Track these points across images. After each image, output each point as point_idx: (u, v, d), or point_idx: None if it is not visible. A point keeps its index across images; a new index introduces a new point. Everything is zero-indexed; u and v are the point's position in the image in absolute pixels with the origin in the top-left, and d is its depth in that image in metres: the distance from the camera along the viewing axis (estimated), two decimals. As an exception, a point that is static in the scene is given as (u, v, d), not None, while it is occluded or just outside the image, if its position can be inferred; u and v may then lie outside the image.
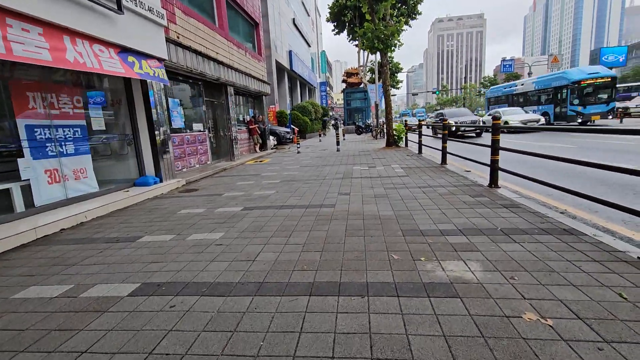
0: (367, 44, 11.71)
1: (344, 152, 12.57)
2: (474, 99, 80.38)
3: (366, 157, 10.50)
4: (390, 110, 12.86)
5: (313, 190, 5.70)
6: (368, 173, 7.24)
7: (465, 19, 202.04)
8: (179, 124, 8.35)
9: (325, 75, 66.36)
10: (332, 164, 9.35)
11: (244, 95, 13.54)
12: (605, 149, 9.10)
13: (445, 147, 7.80)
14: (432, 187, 5.38)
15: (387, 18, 12.00)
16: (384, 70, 12.37)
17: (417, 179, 6.19)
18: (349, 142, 18.92)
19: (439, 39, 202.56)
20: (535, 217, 3.59)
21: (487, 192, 4.84)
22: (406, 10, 19.92)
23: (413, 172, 6.92)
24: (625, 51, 56.16)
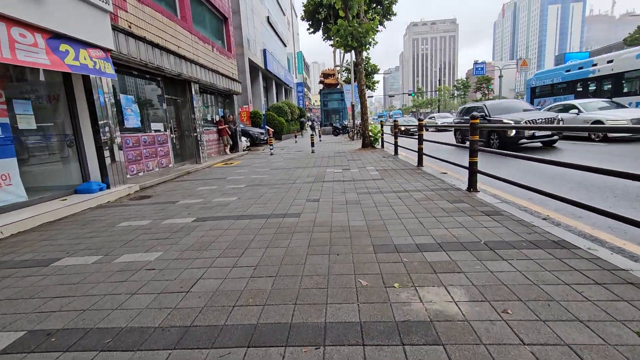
0: (341, 42, 11.29)
1: (318, 154, 12.08)
2: (448, 101, 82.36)
3: (341, 158, 10.05)
4: (366, 110, 12.51)
5: (279, 197, 5.15)
6: (341, 176, 6.77)
7: (439, 24, 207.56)
8: (134, 123, 7.56)
9: (303, 76, 65.93)
10: (304, 166, 8.82)
11: (212, 93, 12.78)
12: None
13: (421, 148, 7.46)
14: (409, 191, 4.96)
15: (361, 15, 11.64)
16: (358, 69, 11.99)
17: (393, 182, 5.77)
18: (326, 143, 18.48)
19: (414, 42, 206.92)
20: (520, 226, 3.21)
21: (467, 197, 4.46)
22: (381, 10, 19.74)
23: (388, 175, 6.51)
24: (587, 57, 59.44)
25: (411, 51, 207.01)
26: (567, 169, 4.23)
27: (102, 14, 5.68)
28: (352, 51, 12.13)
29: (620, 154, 7.90)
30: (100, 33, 5.64)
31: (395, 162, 8.52)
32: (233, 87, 13.39)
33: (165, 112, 9.01)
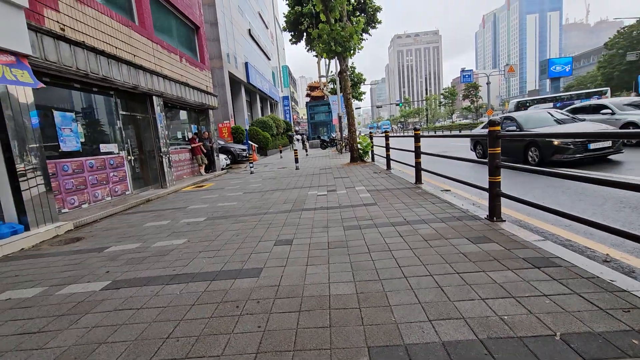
0: (324, 48, 10.28)
1: (303, 171, 10.90)
2: (436, 110, 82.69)
3: (327, 176, 8.86)
4: (353, 121, 11.44)
5: (241, 237, 3.90)
6: (325, 201, 5.56)
7: (422, 35, 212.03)
8: (74, 145, 6.27)
9: (289, 90, 65.47)
10: (284, 187, 7.60)
11: (183, 108, 11.56)
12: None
13: (419, 162, 6.33)
14: (411, 223, 3.77)
15: (344, 19, 10.71)
16: (343, 77, 10.97)
17: (389, 208, 4.58)
18: (312, 157, 17.35)
19: (399, 54, 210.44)
20: (600, 291, 2.03)
21: (491, 230, 3.29)
22: (365, 18, 19.04)
23: (383, 198, 5.32)
24: (570, 62, 60.23)
25: (396, 63, 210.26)
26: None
27: (12, 11, 4.47)
28: (336, 58, 11.12)
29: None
30: (11, 34, 4.42)
31: (389, 178, 7.36)
32: (207, 101, 12.21)
33: (121, 130, 7.74)
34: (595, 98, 39.49)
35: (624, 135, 3.96)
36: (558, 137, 4.62)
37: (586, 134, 2.74)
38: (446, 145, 16.60)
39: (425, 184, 6.36)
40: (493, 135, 3.49)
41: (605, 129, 7.72)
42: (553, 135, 3.28)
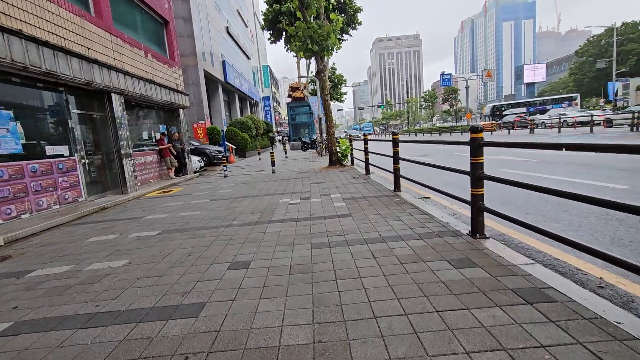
0: (300, 46, 9.82)
1: (279, 175, 10.39)
2: (417, 113, 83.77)
3: (303, 181, 8.39)
4: (332, 123, 11.02)
5: (193, 257, 3.37)
6: (296, 211, 5.09)
7: (403, 39, 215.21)
8: (12, 147, 5.53)
9: (271, 91, 64.68)
10: (256, 193, 7.08)
11: (150, 107, 10.81)
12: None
13: (397, 168, 5.96)
14: (386, 240, 3.36)
15: (321, 17, 10.28)
16: (321, 77, 10.54)
17: (364, 221, 4.16)
18: (292, 160, 16.84)
19: (381, 57, 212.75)
20: (612, 345, 1.65)
21: (474, 250, 2.91)
22: (345, 18, 18.72)
23: (358, 208, 4.90)
24: (544, 68, 62.50)
25: (378, 65, 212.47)
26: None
27: None
28: (314, 57, 10.68)
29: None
30: None
31: (367, 185, 6.97)
32: (178, 100, 11.50)
33: (73, 131, 6.99)
34: (567, 104, 41.01)
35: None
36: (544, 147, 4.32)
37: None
38: (428, 148, 16.47)
39: (405, 192, 6.00)
40: (476, 143, 3.12)
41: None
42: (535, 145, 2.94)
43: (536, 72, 60.83)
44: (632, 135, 14.53)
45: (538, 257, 3.06)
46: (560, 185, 5.61)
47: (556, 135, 18.72)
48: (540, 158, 9.08)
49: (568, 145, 2.32)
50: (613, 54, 31.21)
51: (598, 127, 21.22)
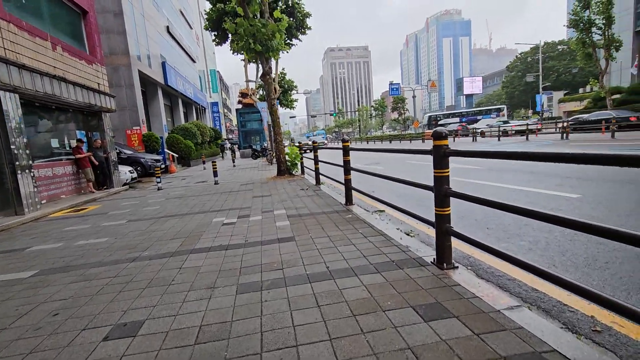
0: (242, 45, 8.94)
1: (221, 186, 9.32)
2: (367, 121, 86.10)
3: (246, 194, 7.47)
4: (279, 130, 10.23)
5: (62, 316, 2.35)
6: (229, 234, 4.19)
7: (353, 50, 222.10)
8: None
9: (221, 96, 62.30)
10: (187, 211, 6.02)
11: (61, 110, 9.15)
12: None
13: (348, 179, 5.33)
14: (336, 275, 2.63)
15: (265, 15, 9.51)
16: (266, 80, 9.72)
17: (309, 247, 3.40)
18: (239, 169, 15.70)
19: (332, 66, 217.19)
20: None
21: (444, 289, 2.28)
22: (294, 23, 18.17)
23: (304, 229, 4.14)
24: (480, 81, 67.85)
25: (330, 74, 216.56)
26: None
27: None
28: (259, 59, 9.83)
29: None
30: None
31: (316, 198, 6.26)
32: (100, 102, 9.93)
33: (-61, 137, 5.39)
34: (495, 114, 44.63)
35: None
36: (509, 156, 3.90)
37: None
38: (380, 156, 16.32)
39: (357, 205, 5.39)
40: (440, 152, 2.53)
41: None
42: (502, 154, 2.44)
43: (474, 84, 65.87)
44: (563, 142, 15.66)
45: (513, 287, 2.54)
46: (518, 195, 5.40)
47: (496, 143, 19.77)
48: (487, 166, 9.10)
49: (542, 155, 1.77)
50: (539, 70, 34.54)
51: (531, 135, 22.89)
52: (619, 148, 11.03)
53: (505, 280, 2.68)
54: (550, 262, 2.95)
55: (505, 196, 5.47)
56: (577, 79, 50.08)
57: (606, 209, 4.27)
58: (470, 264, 3.04)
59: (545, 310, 2.22)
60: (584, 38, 26.23)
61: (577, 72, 47.73)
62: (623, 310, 1.41)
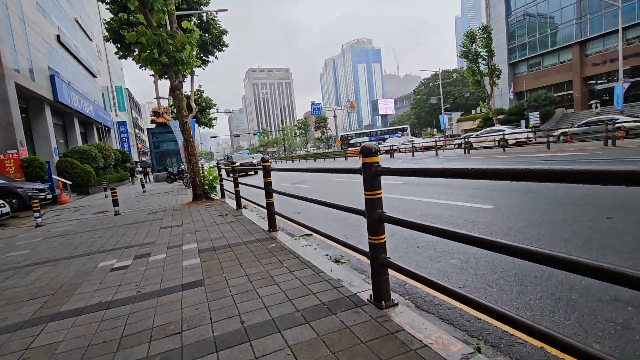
0: (145, 56, 7.89)
1: (124, 217, 7.90)
2: (292, 140, 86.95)
3: (152, 225, 6.34)
4: (194, 150, 9.21)
5: None
6: (117, 283, 3.25)
7: (275, 71, 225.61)
8: None
9: (131, 115, 56.72)
10: (66, 255, 4.73)
11: None
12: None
13: (271, 203, 4.77)
14: (252, 334, 2.02)
15: (173, 26, 8.63)
16: (176, 95, 8.71)
17: (221, 293, 2.72)
18: (150, 195, 13.87)
19: (254, 86, 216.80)
20: None
21: (388, 338, 1.86)
22: (210, 38, 17.32)
23: (218, 267, 3.42)
24: (392, 103, 74.36)
25: (252, 94, 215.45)
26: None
27: None
28: (167, 72, 8.80)
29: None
30: None
31: (237, 224, 5.54)
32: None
33: None
34: (400, 133, 49.40)
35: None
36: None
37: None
38: (305, 174, 16.08)
39: (282, 231, 4.85)
40: (371, 170, 2.16)
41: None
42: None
43: (387, 106, 71.97)
44: (467, 156, 17.49)
45: (457, 318, 2.26)
46: (441, 208, 5.46)
47: (412, 159, 21.30)
48: (408, 180, 9.42)
49: (474, 172, 1.50)
50: (440, 93, 39.13)
51: (439, 151, 25.32)
52: (516, 160, 12.57)
53: (446, 309, 2.40)
54: (484, 281, 2.79)
55: (429, 211, 5.50)
56: (469, 102, 58.18)
57: (519, 218, 4.47)
58: (407, 292, 2.73)
59: (494, 346, 1.95)
60: (473, 67, 30.53)
61: (469, 96, 55.56)
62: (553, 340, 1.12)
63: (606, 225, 3.76)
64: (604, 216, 4.10)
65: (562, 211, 4.59)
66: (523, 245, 1.30)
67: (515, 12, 40.42)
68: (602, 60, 33.02)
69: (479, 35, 29.90)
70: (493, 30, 32.39)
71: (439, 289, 1.81)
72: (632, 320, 2.03)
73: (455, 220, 4.68)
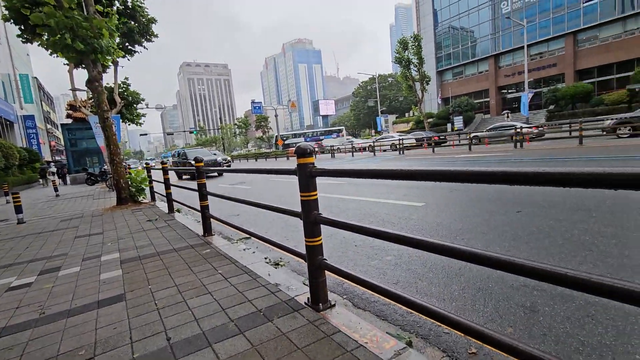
0: (55, 43, 6.91)
1: (30, 225, 6.85)
2: (232, 139, 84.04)
3: (65, 234, 5.57)
4: (117, 149, 8.34)
5: None
6: (15, 305, 2.76)
7: (212, 67, 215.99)
8: None
9: (41, 109, 49.70)
10: (-53, 274, 3.90)
11: None
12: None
13: (206, 205, 4.49)
14: (179, 352, 1.84)
15: (90, 9, 7.68)
16: (94, 87, 7.78)
17: (146, 307, 2.46)
18: (66, 199, 12.24)
19: (190, 82, 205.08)
20: None
21: (325, 342, 1.83)
22: (136, 27, 15.86)
23: (142, 279, 3.10)
24: (333, 104, 76.03)
25: (187, 90, 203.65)
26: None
27: None
28: (84, 61, 7.80)
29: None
30: None
31: (168, 230, 5.13)
32: None
33: None
34: (335, 135, 51.21)
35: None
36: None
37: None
38: (251, 174, 15.59)
39: (219, 235, 4.61)
40: (306, 171, 2.12)
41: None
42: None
43: (328, 106, 73.47)
44: (402, 156, 18.59)
45: (391, 314, 2.34)
46: (378, 207, 5.66)
47: (352, 159, 21.97)
48: (347, 180, 9.68)
49: (407, 173, 1.57)
50: (377, 97, 41.08)
51: (377, 151, 26.54)
52: (443, 161, 13.65)
53: (382, 306, 2.47)
54: (415, 276, 2.94)
55: (367, 209, 5.68)
56: (404, 105, 62.10)
57: (446, 215, 4.83)
58: (345, 292, 2.75)
59: (424, 338, 2.04)
60: (406, 73, 32.58)
61: (403, 99, 59.25)
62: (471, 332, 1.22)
63: (516, 218, 4.24)
64: (514, 210, 4.62)
65: (480, 207, 5.08)
66: (445, 243, 1.36)
67: (442, 24, 44.13)
68: (512, 72, 37.67)
69: (411, 43, 32.02)
70: (423, 40, 35.01)
71: (369, 287, 1.84)
72: (537, 302, 2.29)
73: (390, 219, 4.89)
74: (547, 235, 3.52)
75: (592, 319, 2.04)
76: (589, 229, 3.54)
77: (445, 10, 43.28)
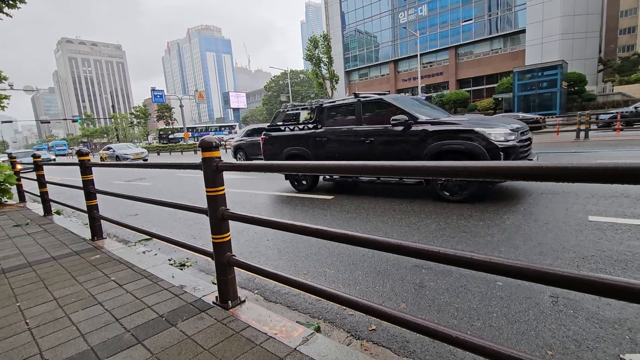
0: None
1: None
2: (127, 130, 74.58)
3: None
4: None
5: None
6: None
7: (102, 47, 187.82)
8: None
9: None
10: None
11: None
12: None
13: (94, 205, 3.92)
14: (59, 376, 1.60)
15: None
16: None
17: (12, 330, 2.04)
18: None
19: (72, 62, 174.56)
20: None
21: (235, 339, 1.80)
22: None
23: (5, 297, 2.56)
24: (244, 98, 73.74)
25: (69, 71, 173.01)
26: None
27: None
28: None
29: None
30: None
31: (41, 236, 4.31)
32: None
33: None
34: (227, 130, 50.84)
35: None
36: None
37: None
38: (145, 170, 14.03)
39: (112, 238, 4.08)
40: (212, 166, 2.03)
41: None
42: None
43: (239, 99, 70.95)
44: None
45: (301, 303, 2.43)
46: (291, 201, 5.76)
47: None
48: (257, 175, 9.58)
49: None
50: (289, 92, 41.48)
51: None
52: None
53: (292, 297, 2.54)
54: (324, 265, 3.10)
55: (279, 203, 5.71)
56: (314, 102, 63.95)
57: (352, 205, 5.18)
58: (257, 287, 2.75)
59: (331, 322, 2.18)
60: (316, 70, 33.58)
61: (314, 96, 60.99)
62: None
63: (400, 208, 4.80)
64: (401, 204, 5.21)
65: (389, 197, 5.59)
66: (347, 232, 1.47)
67: (349, 27, 46.73)
68: (408, 77, 42.17)
69: (321, 42, 33.11)
70: (332, 40, 36.55)
71: (281, 280, 1.88)
72: (425, 279, 2.65)
73: (302, 213, 5.02)
74: (434, 222, 4.08)
75: (464, 288, 2.45)
76: (463, 214, 4.23)
77: (352, 13, 45.96)
